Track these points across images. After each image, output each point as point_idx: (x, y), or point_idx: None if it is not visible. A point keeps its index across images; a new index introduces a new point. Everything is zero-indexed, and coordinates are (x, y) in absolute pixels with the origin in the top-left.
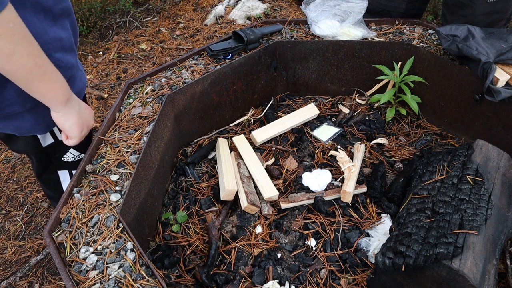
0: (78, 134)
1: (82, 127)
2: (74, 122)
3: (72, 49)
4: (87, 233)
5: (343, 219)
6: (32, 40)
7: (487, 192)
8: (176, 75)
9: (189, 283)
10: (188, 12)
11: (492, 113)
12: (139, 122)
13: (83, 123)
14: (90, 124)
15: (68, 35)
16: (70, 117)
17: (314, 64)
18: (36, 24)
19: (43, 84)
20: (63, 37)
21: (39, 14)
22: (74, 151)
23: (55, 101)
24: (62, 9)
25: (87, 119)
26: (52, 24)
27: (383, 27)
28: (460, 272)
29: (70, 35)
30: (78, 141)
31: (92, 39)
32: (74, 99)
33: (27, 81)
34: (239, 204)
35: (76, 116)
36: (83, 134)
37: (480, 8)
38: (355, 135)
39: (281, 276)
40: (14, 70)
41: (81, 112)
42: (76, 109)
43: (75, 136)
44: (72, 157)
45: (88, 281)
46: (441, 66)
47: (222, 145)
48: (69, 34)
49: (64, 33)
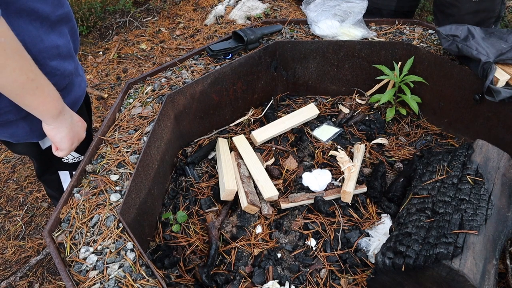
0: (68, 146)
1: (73, 140)
2: (65, 135)
3: (70, 56)
4: (87, 233)
5: (343, 219)
6: (24, 54)
7: (487, 192)
8: (176, 75)
9: (189, 283)
10: (188, 12)
11: (492, 113)
12: (139, 122)
13: (74, 136)
14: (81, 137)
15: (65, 42)
16: (61, 130)
17: (314, 64)
18: (32, 32)
19: (35, 98)
20: (60, 45)
21: (35, 22)
22: (74, 153)
23: (47, 114)
24: (60, 15)
25: (78, 132)
26: (49, 32)
27: (383, 27)
28: (460, 272)
29: (68, 42)
30: (68, 153)
31: (92, 39)
32: (66, 111)
33: (19, 95)
34: (239, 204)
35: (68, 129)
36: (74, 147)
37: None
38: (355, 135)
39: (281, 276)
40: (5, 84)
41: (73, 125)
42: (68, 122)
43: (65, 148)
44: (73, 159)
45: (88, 281)
46: (441, 66)
47: (222, 145)
48: (67, 41)
49: (61, 40)
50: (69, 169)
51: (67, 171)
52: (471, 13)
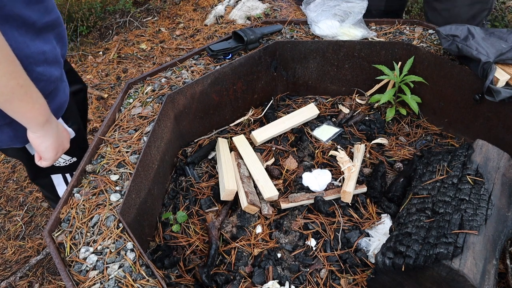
0: (52, 156)
1: (58, 150)
2: (50, 144)
3: (57, 62)
4: (87, 233)
5: (343, 219)
6: (14, 60)
7: (487, 192)
8: (176, 75)
9: (189, 283)
10: (188, 12)
11: (492, 113)
12: (139, 122)
13: (59, 145)
14: (66, 147)
15: (51, 48)
16: (47, 139)
17: (314, 64)
18: (17, 38)
19: (24, 104)
20: (46, 50)
21: (20, 28)
22: (65, 156)
23: (34, 121)
24: (47, 23)
25: (63, 142)
26: (34, 38)
27: (383, 27)
28: (460, 272)
29: (55, 48)
30: (51, 163)
31: (92, 39)
32: (53, 120)
33: (8, 101)
34: (239, 204)
35: (53, 138)
36: (58, 157)
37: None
38: (355, 135)
39: (281, 276)
40: None
41: (58, 134)
42: (54, 131)
43: (49, 158)
44: (64, 162)
45: (88, 281)
46: (441, 66)
47: (222, 145)
48: (53, 47)
49: (47, 46)
50: (61, 172)
51: (59, 174)
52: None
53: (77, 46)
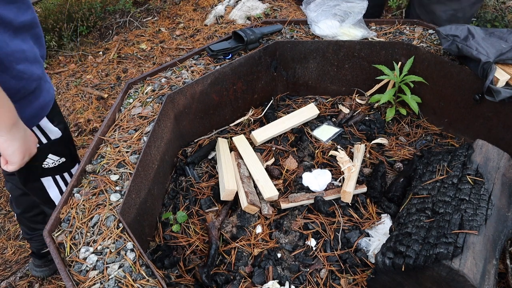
0: (19, 160)
1: (25, 154)
2: (17, 148)
3: (37, 61)
4: (87, 233)
5: (343, 219)
6: None
7: (487, 192)
8: (176, 75)
9: (189, 283)
10: (188, 12)
11: (492, 113)
12: (139, 122)
13: (26, 150)
14: (33, 152)
15: (30, 47)
16: (14, 143)
17: (314, 64)
18: None
19: None
20: (26, 49)
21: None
22: (53, 156)
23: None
24: (23, 22)
25: (30, 146)
26: (12, 37)
27: (383, 27)
28: (460, 272)
29: (33, 47)
30: (18, 167)
31: (92, 39)
32: (20, 124)
33: None
34: (239, 204)
35: (20, 142)
36: (24, 161)
37: None
38: (355, 135)
39: (281, 276)
40: None
41: (26, 139)
42: (22, 135)
43: (16, 162)
44: (53, 163)
45: (88, 281)
46: (441, 66)
47: (222, 145)
48: (32, 47)
49: (25, 45)
50: (51, 174)
51: (49, 177)
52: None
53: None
